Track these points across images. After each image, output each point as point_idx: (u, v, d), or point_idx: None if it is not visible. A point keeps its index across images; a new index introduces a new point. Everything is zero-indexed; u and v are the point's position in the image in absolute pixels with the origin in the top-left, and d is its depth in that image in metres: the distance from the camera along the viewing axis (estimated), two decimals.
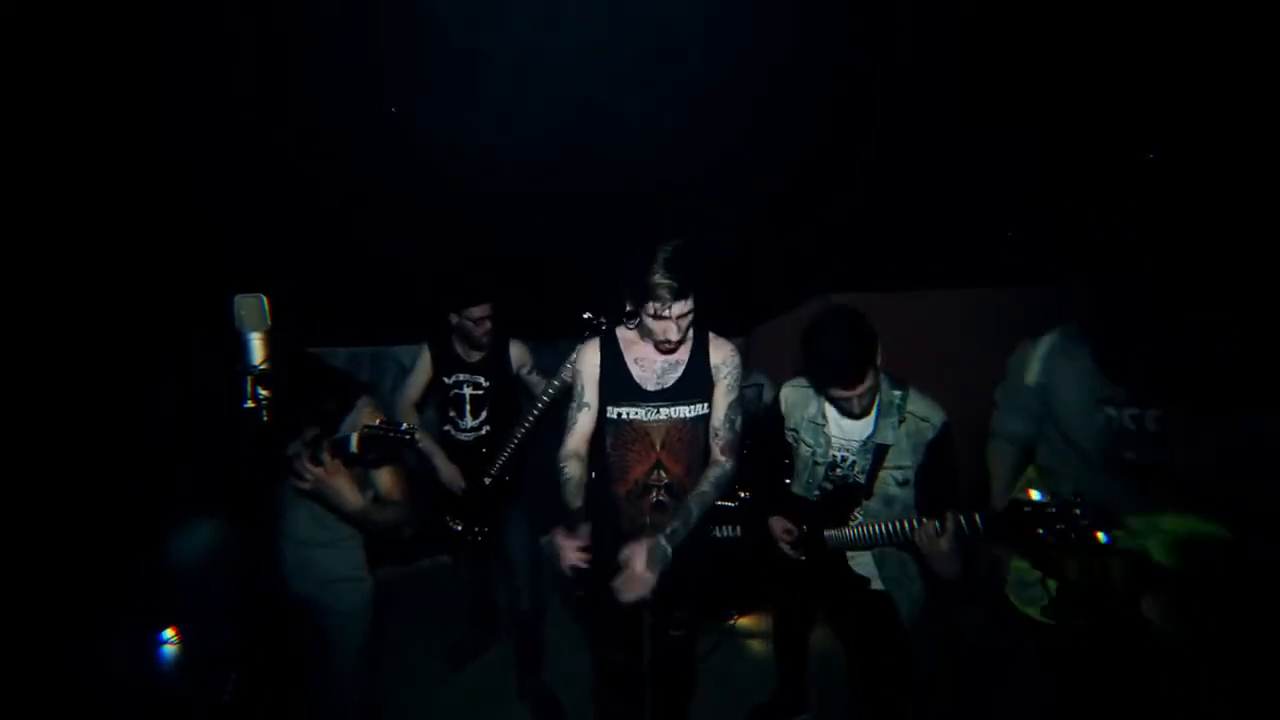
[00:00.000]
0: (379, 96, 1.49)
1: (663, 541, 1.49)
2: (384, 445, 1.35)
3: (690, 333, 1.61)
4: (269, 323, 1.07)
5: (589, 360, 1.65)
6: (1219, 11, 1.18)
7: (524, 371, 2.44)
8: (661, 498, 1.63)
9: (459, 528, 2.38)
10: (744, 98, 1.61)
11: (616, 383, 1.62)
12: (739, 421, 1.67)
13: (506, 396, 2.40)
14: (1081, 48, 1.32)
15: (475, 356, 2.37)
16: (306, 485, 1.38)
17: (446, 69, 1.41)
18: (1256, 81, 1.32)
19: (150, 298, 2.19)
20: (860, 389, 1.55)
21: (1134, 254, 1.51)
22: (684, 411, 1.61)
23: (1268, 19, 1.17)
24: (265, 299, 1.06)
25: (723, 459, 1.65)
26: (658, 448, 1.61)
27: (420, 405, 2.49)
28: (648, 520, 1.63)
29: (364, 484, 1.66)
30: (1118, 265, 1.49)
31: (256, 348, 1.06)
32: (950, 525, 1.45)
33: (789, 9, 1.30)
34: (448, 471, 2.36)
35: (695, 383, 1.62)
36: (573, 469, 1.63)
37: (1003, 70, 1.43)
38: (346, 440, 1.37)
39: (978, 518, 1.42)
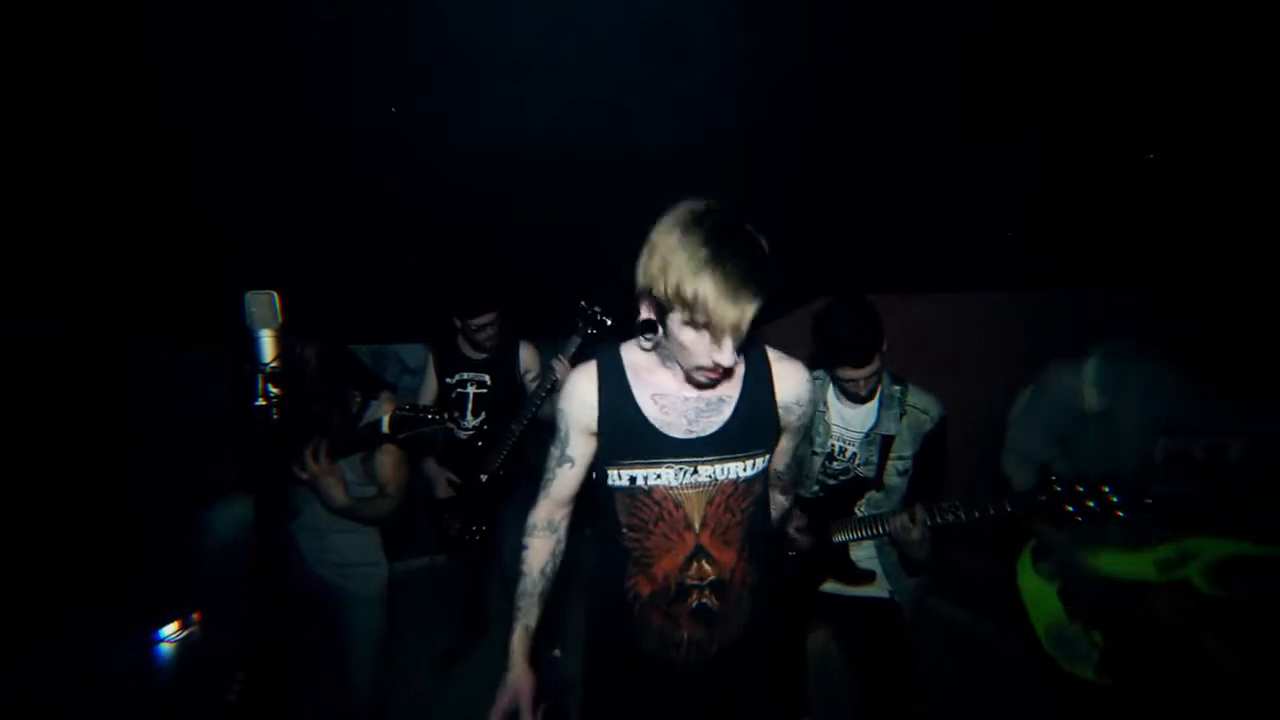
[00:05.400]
0: (380, 96, 1.48)
1: None
2: (415, 425, 1.45)
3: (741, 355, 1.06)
4: (280, 320, 1.06)
5: (579, 396, 1.10)
6: (1219, 11, 1.20)
7: (529, 377, 2.39)
8: (706, 601, 1.08)
9: (456, 526, 2.36)
10: (748, 101, 1.61)
11: (626, 430, 1.07)
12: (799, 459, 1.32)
13: (510, 397, 2.37)
14: (1082, 51, 1.33)
15: (480, 355, 2.35)
16: (305, 476, 1.51)
17: (450, 68, 1.41)
18: (1257, 82, 1.33)
19: (155, 293, 2.18)
20: (869, 370, 1.61)
21: (1138, 258, 1.50)
22: (736, 470, 1.06)
23: (1268, 19, 1.17)
24: (277, 295, 1.05)
25: (783, 499, 1.30)
26: (697, 527, 1.07)
27: None
28: (685, 637, 1.09)
29: (370, 475, 1.69)
30: (1160, 270, 1.44)
31: (267, 345, 1.05)
32: (920, 517, 1.53)
33: (793, 13, 1.30)
34: (436, 476, 2.37)
35: (755, 426, 1.08)
36: (537, 550, 1.16)
37: (1005, 74, 1.43)
38: (378, 422, 1.47)
39: (1006, 504, 1.44)
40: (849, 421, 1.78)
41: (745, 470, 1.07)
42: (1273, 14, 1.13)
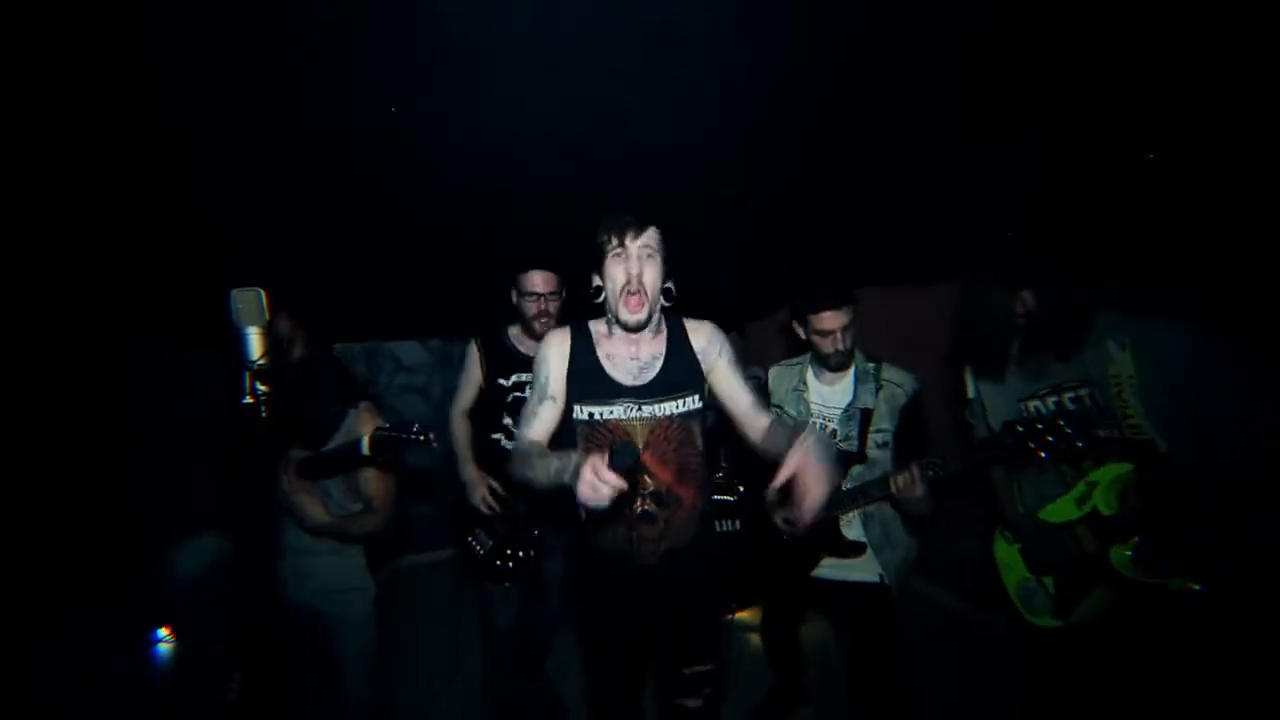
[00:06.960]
0: (379, 93, 1.48)
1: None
2: (396, 447, 1.39)
3: (662, 323, 1.46)
4: (267, 317, 1.05)
5: (556, 348, 1.44)
6: (1219, 11, 1.19)
7: None
8: (648, 507, 1.41)
9: (489, 545, 2.06)
10: (744, 96, 1.61)
11: (587, 377, 1.41)
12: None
13: None
14: (1082, 50, 1.32)
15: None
16: (280, 497, 1.48)
17: (451, 62, 1.40)
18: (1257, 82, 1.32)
19: (155, 293, 2.18)
20: (844, 318, 1.73)
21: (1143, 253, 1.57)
22: (669, 408, 1.40)
23: (1268, 19, 1.16)
24: (263, 292, 1.04)
25: (768, 415, 1.47)
26: (641, 448, 1.41)
27: (473, 414, 2.11)
28: (633, 534, 1.43)
29: (355, 491, 1.68)
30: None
31: (255, 343, 1.04)
32: (918, 472, 1.61)
33: (791, 9, 1.29)
34: (475, 483, 2.05)
35: (680, 374, 1.43)
36: (534, 445, 1.39)
37: (1003, 72, 1.43)
38: (358, 443, 1.41)
39: (977, 452, 1.59)
40: (828, 399, 1.87)
41: (677, 408, 1.41)
42: (1271, 14, 1.12)
